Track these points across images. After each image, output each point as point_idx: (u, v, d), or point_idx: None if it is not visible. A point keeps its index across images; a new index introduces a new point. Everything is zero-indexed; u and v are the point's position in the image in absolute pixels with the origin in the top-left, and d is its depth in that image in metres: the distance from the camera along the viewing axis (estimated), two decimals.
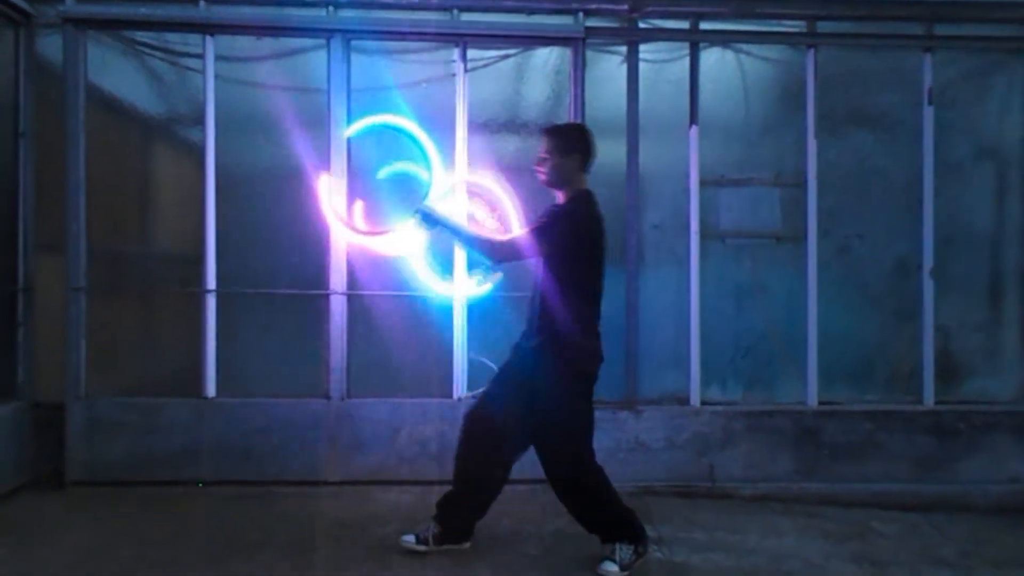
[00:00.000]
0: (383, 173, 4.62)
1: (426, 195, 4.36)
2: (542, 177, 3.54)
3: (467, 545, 3.63)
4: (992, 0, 4.94)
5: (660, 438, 4.72)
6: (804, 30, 4.89)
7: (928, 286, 4.87)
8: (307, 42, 4.73)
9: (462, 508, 3.60)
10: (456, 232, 3.68)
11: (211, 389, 4.63)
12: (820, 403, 4.81)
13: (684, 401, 4.80)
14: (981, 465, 4.78)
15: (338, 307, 4.66)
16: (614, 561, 3.44)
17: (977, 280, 4.99)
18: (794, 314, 4.85)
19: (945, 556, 3.81)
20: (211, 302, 4.63)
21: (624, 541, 3.47)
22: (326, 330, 4.66)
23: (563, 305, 3.40)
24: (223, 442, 4.56)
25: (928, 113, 4.87)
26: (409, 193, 4.58)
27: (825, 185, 4.86)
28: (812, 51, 4.85)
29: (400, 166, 4.63)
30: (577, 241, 3.40)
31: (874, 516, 4.37)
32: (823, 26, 4.88)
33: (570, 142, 3.51)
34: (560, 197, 3.55)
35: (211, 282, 4.63)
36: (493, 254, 3.62)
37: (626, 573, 3.43)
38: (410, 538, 3.59)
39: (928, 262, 4.87)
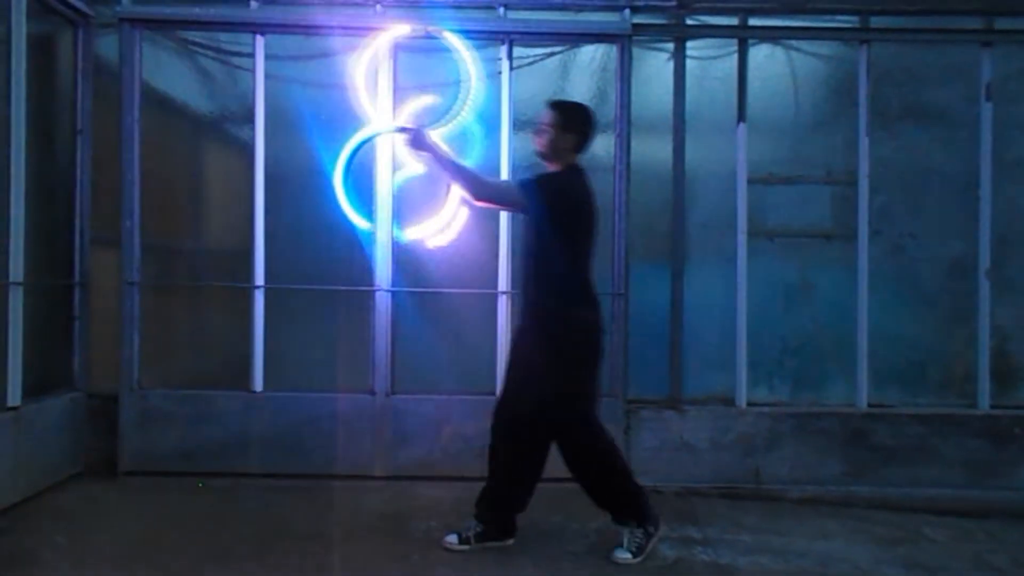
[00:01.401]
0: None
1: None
2: (539, 148, 3.57)
3: (511, 541, 3.63)
4: None
5: (705, 438, 4.67)
6: (857, 25, 4.79)
7: (984, 287, 4.75)
8: (355, 40, 4.77)
9: (499, 503, 3.60)
10: (441, 159, 3.63)
11: (259, 383, 4.70)
12: (870, 405, 4.72)
13: (730, 401, 4.75)
14: None
15: (383, 303, 4.70)
16: (626, 548, 3.45)
17: None
18: (844, 314, 4.76)
19: (998, 564, 3.71)
20: (259, 297, 4.71)
21: (632, 524, 3.48)
22: (371, 326, 4.71)
23: (549, 275, 3.42)
24: (270, 435, 4.63)
25: (986, 109, 4.74)
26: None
27: (877, 183, 4.76)
28: (865, 47, 4.75)
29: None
30: (560, 204, 3.41)
31: (925, 521, 4.26)
32: (876, 21, 4.79)
33: (571, 120, 3.53)
34: (550, 169, 3.57)
35: (259, 278, 4.70)
36: (475, 189, 3.59)
37: (641, 558, 3.44)
38: (452, 538, 3.60)
39: (984, 262, 4.74)
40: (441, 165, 3.65)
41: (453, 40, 4.59)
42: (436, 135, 4.18)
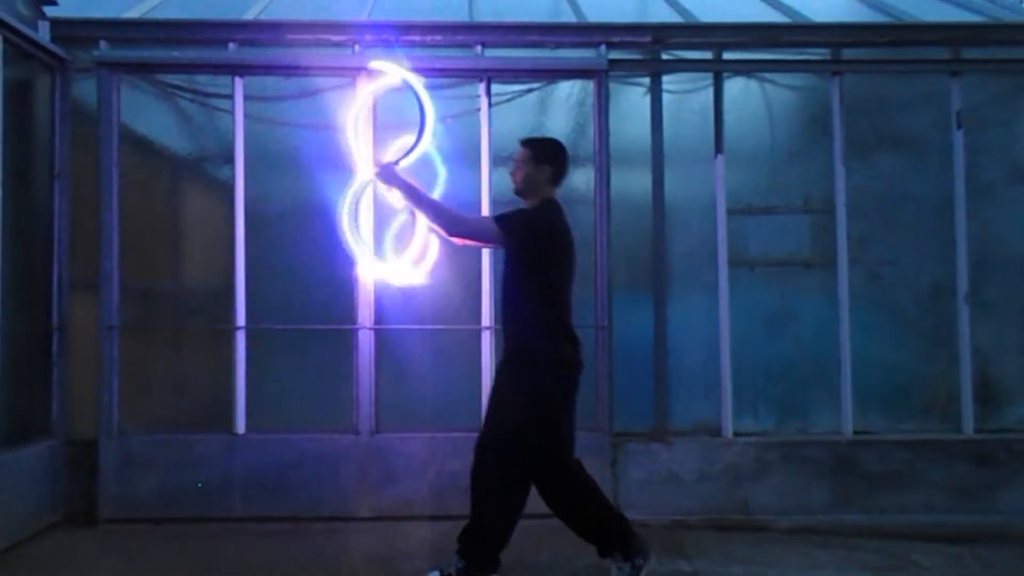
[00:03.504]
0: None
1: (408, 153, 4.07)
2: (515, 185, 3.63)
3: None
4: (1019, 23, 4.91)
5: (693, 469, 4.65)
6: (828, 57, 4.88)
7: (963, 311, 4.78)
8: (334, 80, 4.80)
9: (482, 538, 3.54)
10: (414, 194, 3.61)
11: (241, 424, 4.64)
12: (855, 432, 4.72)
13: (716, 432, 4.74)
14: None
15: (366, 341, 4.67)
16: None
17: (1015, 303, 4.88)
18: (826, 342, 4.78)
19: None
20: (241, 338, 4.67)
21: (618, 555, 3.43)
22: (354, 364, 4.67)
23: (526, 310, 3.44)
24: (254, 477, 4.57)
25: (958, 136, 4.82)
26: None
27: (854, 211, 4.81)
28: (837, 78, 4.83)
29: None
30: (537, 239, 3.44)
31: (915, 548, 4.25)
32: (848, 53, 4.88)
33: (544, 154, 3.59)
34: (527, 205, 3.61)
35: (241, 319, 4.67)
36: (451, 226, 3.58)
37: None
38: (435, 574, 3.55)
39: (962, 286, 4.79)
40: (413, 201, 3.64)
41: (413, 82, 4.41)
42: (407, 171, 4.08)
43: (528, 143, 3.66)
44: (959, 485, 4.66)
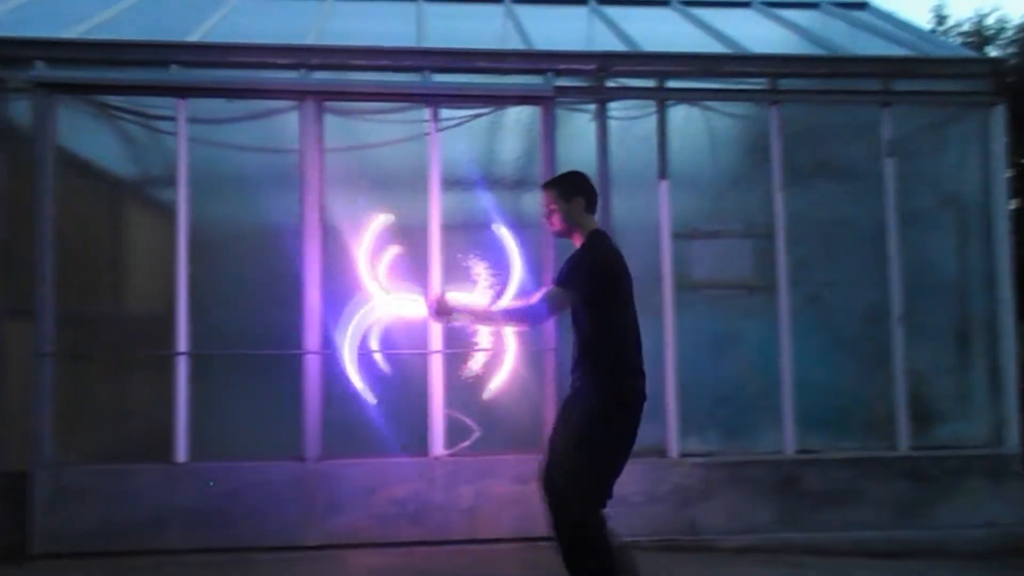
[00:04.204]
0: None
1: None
2: (554, 229, 3.52)
3: None
4: (945, 57, 5.15)
5: (640, 491, 4.68)
6: (767, 87, 5.03)
7: (897, 333, 4.94)
8: (280, 103, 4.76)
9: (589, 559, 3.30)
10: (481, 314, 3.64)
11: (182, 454, 4.51)
12: (798, 451, 4.82)
13: (663, 453, 4.78)
14: (958, 510, 4.80)
15: (313, 366, 4.60)
16: None
17: (945, 325, 5.08)
18: (769, 363, 4.88)
19: None
20: (183, 364, 4.55)
21: None
22: (300, 390, 4.59)
23: (595, 345, 3.35)
24: (195, 508, 4.44)
25: (888, 165, 5.01)
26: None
27: (794, 236, 4.95)
28: (775, 107, 4.99)
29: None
30: (599, 282, 3.36)
31: (857, 564, 4.35)
32: (785, 83, 5.04)
33: (571, 187, 3.51)
34: (576, 242, 3.52)
35: (183, 344, 4.55)
36: (532, 322, 3.60)
37: None
38: None
39: (896, 309, 4.95)
40: (483, 320, 3.67)
41: None
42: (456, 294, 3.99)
43: (550, 184, 3.57)
44: (898, 501, 4.79)
